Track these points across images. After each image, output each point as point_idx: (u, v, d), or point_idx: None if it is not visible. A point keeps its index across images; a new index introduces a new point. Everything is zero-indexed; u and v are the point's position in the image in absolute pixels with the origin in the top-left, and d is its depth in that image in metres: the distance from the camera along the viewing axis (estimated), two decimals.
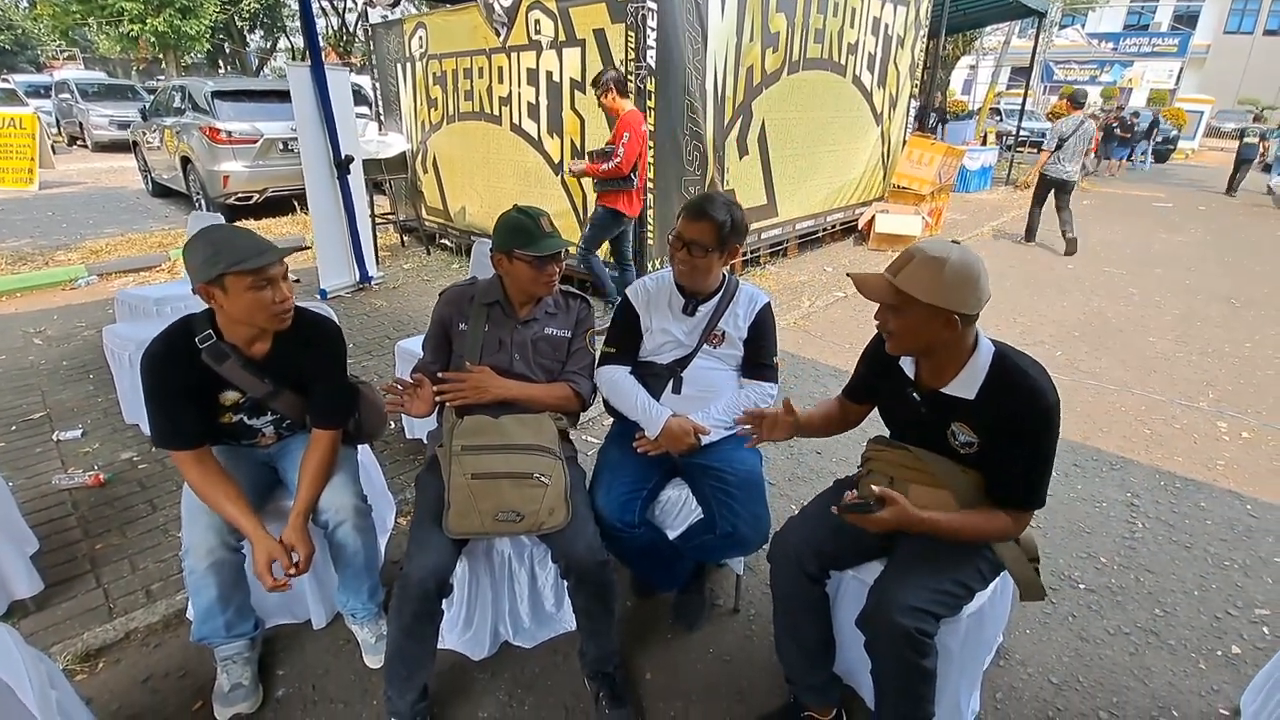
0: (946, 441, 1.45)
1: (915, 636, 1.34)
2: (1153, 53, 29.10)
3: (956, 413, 1.42)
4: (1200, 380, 3.94)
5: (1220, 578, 2.29)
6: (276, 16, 25.33)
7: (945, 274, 1.29)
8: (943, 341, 1.36)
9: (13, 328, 4.30)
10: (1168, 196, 11.67)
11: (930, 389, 1.45)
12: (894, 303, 1.34)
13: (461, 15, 5.42)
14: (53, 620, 1.96)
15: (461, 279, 2.03)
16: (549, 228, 1.74)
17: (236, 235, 1.55)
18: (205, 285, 1.53)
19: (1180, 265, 6.77)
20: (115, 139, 13.55)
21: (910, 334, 1.37)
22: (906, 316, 1.34)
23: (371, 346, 4.09)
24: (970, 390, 1.39)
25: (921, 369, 1.48)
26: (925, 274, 1.30)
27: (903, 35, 6.92)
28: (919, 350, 1.43)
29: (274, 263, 1.53)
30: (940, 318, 1.31)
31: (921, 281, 1.30)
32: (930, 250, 1.32)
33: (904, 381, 1.52)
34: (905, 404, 1.52)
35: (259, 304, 1.54)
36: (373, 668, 1.81)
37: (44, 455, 2.83)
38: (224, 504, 1.60)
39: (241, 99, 7.52)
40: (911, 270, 1.32)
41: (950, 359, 1.40)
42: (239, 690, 1.66)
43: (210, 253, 1.50)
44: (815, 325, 4.73)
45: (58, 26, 18.59)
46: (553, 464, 1.68)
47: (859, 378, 1.72)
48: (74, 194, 9.46)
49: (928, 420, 1.47)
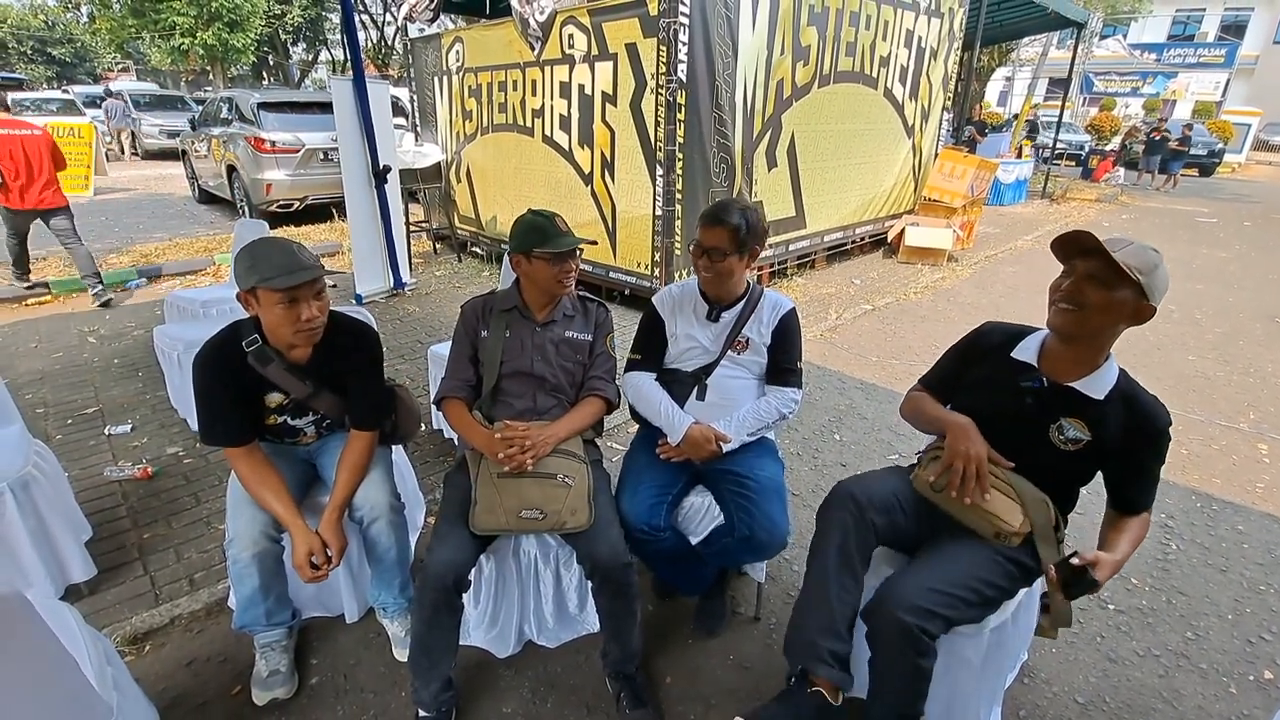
0: (1047, 435, 1.47)
1: (916, 635, 1.36)
2: (1198, 64, 28.30)
3: (1074, 409, 1.45)
4: (1241, 400, 3.84)
5: (1255, 602, 2.24)
6: (319, 30, 26.15)
7: (1162, 266, 1.35)
8: (1113, 332, 1.41)
9: (69, 327, 4.52)
10: (1212, 211, 11.34)
11: (1056, 381, 1.47)
12: (1115, 276, 1.34)
13: (497, 30, 5.58)
14: (104, 604, 2.06)
15: (490, 287, 2.10)
16: (564, 227, 1.80)
17: (274, 251, 1.61)
18: (244, 293, 1.63)
19: (1223, 282, 6.58)
20: (164, 147, 14.13)
21: (1104, 311, 1.37)
22: (1111, 293, 1.34)
23: (404, 350, 4.20)
24: (1099, 391, 1.43)
25: (1048, 359, 1.50)
26: (1148, 259, 1.34)
27: (936, 48, 6.88)
28: (1092, 331, 1.41)
29: (301, 283, 1.58)
30: (1137, 305, 1.35)
31: (1145, 265, 1.33)
32: (1142, 242, 1.37)
33: (1016, 370, 1.52)
34: (1009, 392, 1.52)
35: (285, 318, 1.61)
36: (401, 660, 1.87)
37: (96, 448, 2.97)
38: (268, 497, 1.68)
39: (285, 110, 7.80)
40: (1133, 252, 1.34)
41: (1092, 355, 1.44)
42: (276, 676, 1.74)
43: (249, 264, 1.59)
44: (842, 337, 4.72)
45: (114, 40, 19.47)
46: (578, 467, 1.73)
47: (948, 370, 1.71)
48: (125, 200, 9.88)
49: (1032, 412, 1.49)
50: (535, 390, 1.89)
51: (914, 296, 5.80)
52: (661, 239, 4.64)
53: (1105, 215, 10.58)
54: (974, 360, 1.63)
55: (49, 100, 14.37)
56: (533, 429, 1.76)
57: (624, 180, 4.83)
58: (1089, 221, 9.96)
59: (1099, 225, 9.66)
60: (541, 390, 1.89)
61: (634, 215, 4.83)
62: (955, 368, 1.68)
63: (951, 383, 1.69)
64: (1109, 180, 14.16)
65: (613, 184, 4.93)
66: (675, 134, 4.36)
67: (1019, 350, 1.54)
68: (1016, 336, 1.58)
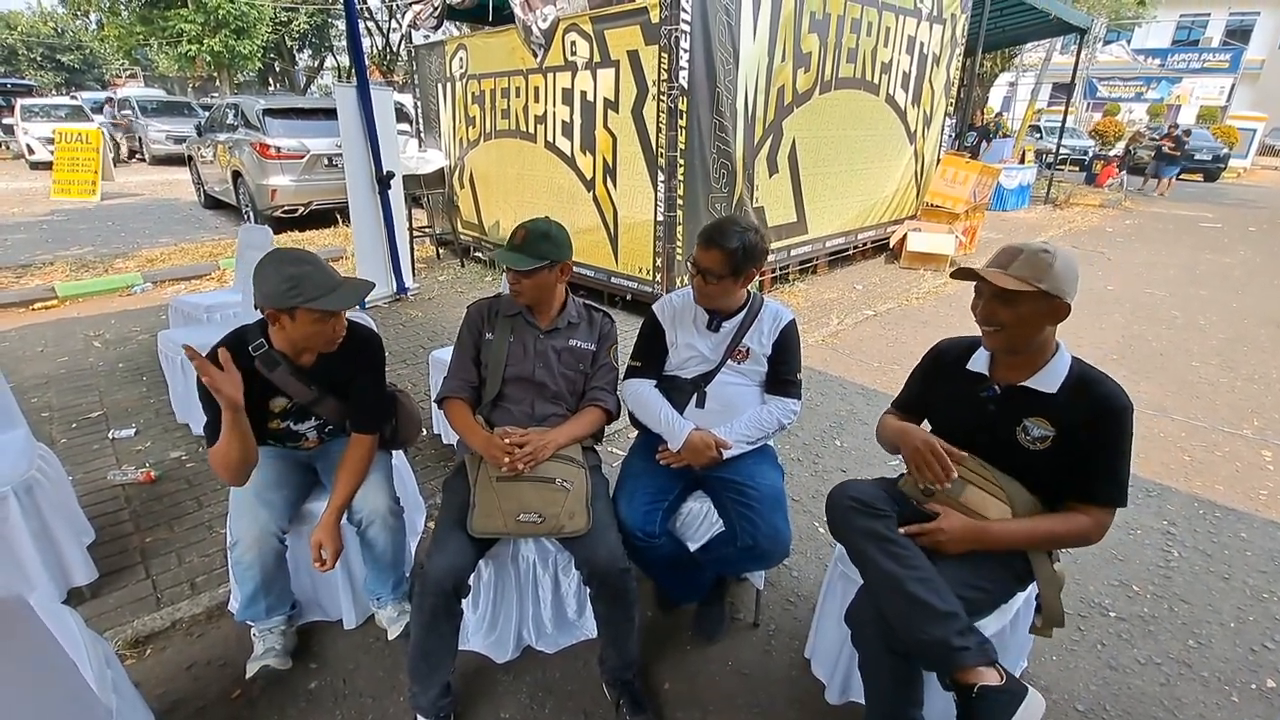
0: (1015, 439, 1.48)
1: (895, 637, 1.37)
2: (1203, 69, 28.24)
3: (1034, 407, 1.47)
4: (1245, 407, 3.82)
5: (1258, 610, 2.22)
6: (324, 37, 26.36)
7: (1058, 264, 1.37)
8: (1042, 335, 1.44)
9: (75, 331, 4.55)
10: (1216, 216, 11.31)
11: (1009, 384, 1.50)
12: (1012, 292, 1.38)
13: (500, 37, 5.61)
14: (105, 607, 2.07)
15: (493, 292, 2.12)
16: (520, 240, 1.78)
17: (313, 271, 1.62)
18: (275, 310, 1.62)
19: (1227, 287, 6.56)
20: (171, 152, 14.24)
21: (1020, 324, 1.42)
22: (1020, 307, 1.40)
23: (406, 355, 4.22)
24: (1053, 385, 1.45)
25: (999, 366, 1.54)
26: (1039, 265, 1.38)
27: (939, 54, 6.89)
28: (1020, 344, 1.46)
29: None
30: (1050, 306, 1.39)
31: (1038, 271, 1.37)
32: (1035, 246, 1.41)
33: (973, 381, 1.56)
34: (970, 404, 1.55)
35: (319, 334, 1.67)
36: (392, 638, 1.92)
37: (100, 452, 2.99)
38: None
39: (290, 116, 7.86)
40: (1023, 262, 1.39)
41: (1037, 354, 1.47)
42: (271, 651, 1.79)
43: (289, 286, 1.58)
44: (843, 343, 4.72)
45: (123, 46, 19.65)
46: (576, 471, 1.74)
47: (914, 391, 1.75)
48: (131, 204, 9.95)
49: (997, 418, 1.51)
50: (535, 397, 1.90)
51: (916, 302, 5.80)
52: (663, 245, 4.65)
53: (1109, 220, 10.56)
54: (935, 378, 1.68)
55: (58, 106, 14.51)
56: (532, 434, 1.77)
57: (626, 186, 4.85)
58: (1093, 227, 9.95)
59: (1102, 230, 9.64)
60: (541, 397, 1.90)
61: (636, 221, 4.85)
62: (920, 388, 1.73)
63: (917, 403, 1.74)
64: (1111, 185, 14.14)
65: (614, 190, 4.95)
66: (677, 140, 4.38)
67: (972, 362, 1.58)
68: (969, 349, 1.62)
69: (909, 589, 1.35)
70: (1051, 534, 1.46)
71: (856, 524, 1.48)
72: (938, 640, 1.30)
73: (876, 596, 1.43)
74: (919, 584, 1.35)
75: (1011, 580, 1.51)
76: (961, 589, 1.40)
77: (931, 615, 1.32)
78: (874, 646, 1.46)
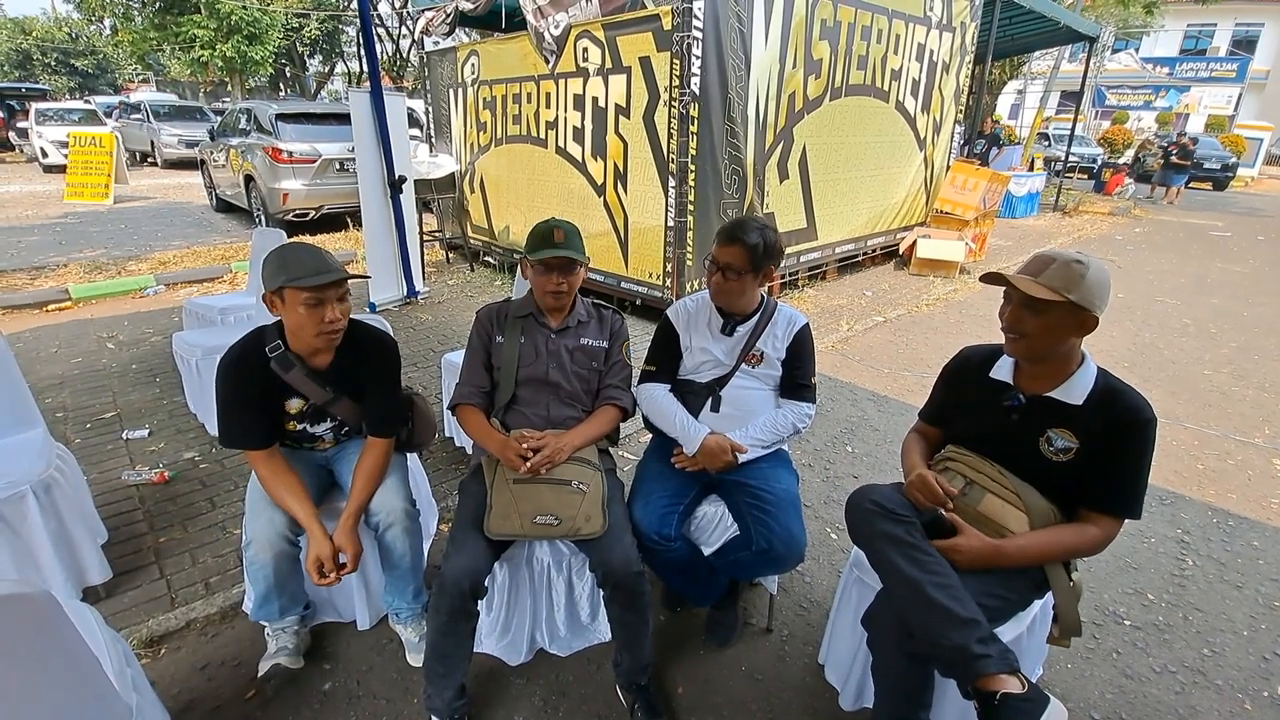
0: (1038, 449, 1.47)
1: (912, 642, 1.37)
2: (1210, 78, 28.16)
3: (1057, 418, 1.45)
4: (1257, 415, 3.80)
5: (1271, 618, 2.21)
6: (335, 43, 26.52)
7: (1090, 276, 1.34)
8: (1068, 345, 1.41)
9: (89, 333, 4.59)
10: (1225, 225, 11.26)
11: (1033, 394, 1.48)
12: (1041, 301, 1.36)
13: (513, 44, 5.65)
14: (120, 607, 2.08)
15: (502, 296, 2.12)
16: (560, 239, 1.79)
17: (303, 253, 1.65)
18: (269, 294, 1.66)
19: (1238, 296, 6.53)
20: (183, 156, 14.37)
21: (1046, 334, 1.39)
22: (1047, 316, 1.37)
23: (417, 359, 4.24)
24: (1078, 396, 1.43)
25: (1023, 375, 1.51)
26: (1071, 275, 1.35)
27: (948, 61, 6.90)
28: (1045, 353, 1.44)
29: (328, 284, 1.63)
30: (1078, 318, 1.36)
31: (1068, 282, 1.34)
32: (1068, 255, 1.38)
33: (997, 389, 1.54)
34: (994, 413, 1.54)
35: (309, 319, 1.65)
36: (414, 666, 1.88)
37: (114, 452, 3.01)
38: (288, 499, 1.70)
39: (302, 121, 7.93)
40: (1055, 271, 1.36)
41: (1063, 364, 1.45)
42: (284, 650, 1.80)
43: (278, 265, 1.63)
44: (853, 349, 4.72)
45: (136, 51, 19.82)
46: (592, 474, 1.75)
47: (939, 401, 1.74)
48: (144, 208, 10.03)
49: (1019, 428, 1.49)
50: (550, 399, 1.90)
51: (926, 308, 5.79)
52: (674, 250, 4.66)
53: (1118, 229, 10.52)
54: (959, 386, 1.67)
55: (72, 110, 14.67)
56: (549, 436, 1.77)
57: (636, 191, 4.87)
58: (1102, 235, 9.92)
59: (1112, 238, 9.61)
60: (556, 399, 1.91)
61: (646, 226, 4.86)
62: (943, 397, 1.72)
63: (942, 412, 1.73)
64: (1120, 193, 14.09)
65: (625, 195, 4.97)
66: (688, 146, 4.40)
67: (996, 370, 1.56)
68: (992, 357, 1.60)
69: (931, 594, 1.33)
70: (1065, 547, 1.45)
71: (878, 528, 1.47)
72: (959, 647, 1.29)
73: (897, 601, 1.42)
74: (940, 590, 1.33)
75: (1030, 588, 1.50)
76: (981, 596, 1.39)
77: (953, 621, 1.30)
78: (889, 650, 1.45)
